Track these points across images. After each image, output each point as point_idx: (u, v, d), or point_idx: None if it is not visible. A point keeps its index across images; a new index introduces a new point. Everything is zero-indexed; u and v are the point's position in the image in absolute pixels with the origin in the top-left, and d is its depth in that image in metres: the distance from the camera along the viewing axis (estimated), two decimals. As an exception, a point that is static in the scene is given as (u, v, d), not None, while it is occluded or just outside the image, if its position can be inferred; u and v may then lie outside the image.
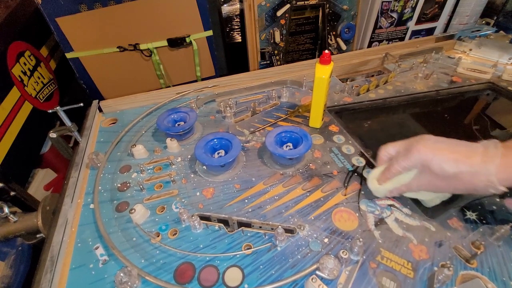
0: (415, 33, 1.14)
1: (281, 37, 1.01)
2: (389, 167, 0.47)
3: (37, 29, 0.91)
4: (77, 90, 1.00)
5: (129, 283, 0.41)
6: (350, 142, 0.64)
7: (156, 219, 0.51)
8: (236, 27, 1.00)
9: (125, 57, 0.90)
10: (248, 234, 0.48)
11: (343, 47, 1.10)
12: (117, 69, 0.91)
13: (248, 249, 0.45)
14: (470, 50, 0.95)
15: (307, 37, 1.05)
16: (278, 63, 1.06)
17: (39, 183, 0.84)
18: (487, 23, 1.15)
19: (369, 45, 1.11)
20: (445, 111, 0.78)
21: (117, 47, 0.87)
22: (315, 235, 0.47)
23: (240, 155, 0.62)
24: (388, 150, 0.49)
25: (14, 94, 0.75)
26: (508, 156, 0.37)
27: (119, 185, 0.57)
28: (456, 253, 0.44)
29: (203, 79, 0.99)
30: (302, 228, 0.47)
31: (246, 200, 0.53)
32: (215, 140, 0.60)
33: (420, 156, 0.42)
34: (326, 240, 0.46)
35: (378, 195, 0.51)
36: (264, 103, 0.77)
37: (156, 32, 0.88)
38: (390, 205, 0.51)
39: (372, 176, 0.51)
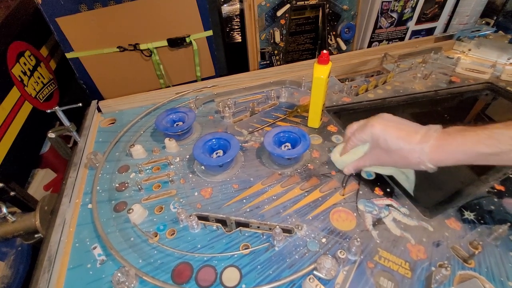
0: (415, 33, 1.14)
1: (281, 37, 1.01)
2: (348, 139, 0.53)
3: (37, 29, 0.91)
4: (77, 90, 1.01)
5: (126, 283, 0.41)
6: (348, 142, 0.64)
7: (154, 219, 0.51)
8: (236, 27, 1.00)
9: (125, 57, 0.90)
10: (246, 234, 0.48)
11: (343, 47, 1.10)
12: (117, 69, 0.92)
13: (246, 249, 0.45)
14: (469, 50, 0.95)
15: (307, 37, 1.05)
16: (278, 63, 1.06)
17: (39, 183, 0.84)
18: (487, 23, 1.14)
19: (369, 45, 1.11)
20: (444, 111, 0.78)
21: (117, 47, 0.87)
22: (313, 235, 0.47)
23: (239, 155, 0.62)
24: (352, 127, 0.53)
25: (14, 94, 0.75)
26: (442, 139, 0.42)
27: (117, 185, 0.57)
28: (454, 253, 0.44)
29: (203, 79, 1.00)
30: (300, 228, 0.47)
31: (244, 200, 0.53)
32: (214, 140, 0.60)
33: (372, 130, 0.47)
34: (324, 240, 0.46)
35: (338, 167, 0.57)
36: (263, 103, 0.77)
37: (156, 32, 0.88)
38: (388, 205, 0.51)
39: (336, 150, 0.57)
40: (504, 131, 0.39)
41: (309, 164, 0.59)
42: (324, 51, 0.57)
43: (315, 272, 0.41)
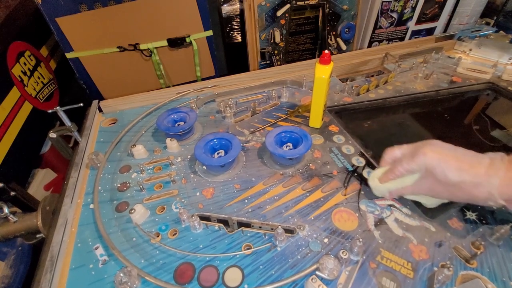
0: (415, 33, 1.14)
1: (281, 37, 1.01)
2: (393, 168, 0.46)
3: (37, 29, 0.91)
4: (77, 90, 1.00)
5: (128, 283, 0.41)
6: (350, 142, 0.64)
7: (156, 219, 0.51)
8: (236, 27, 1.00)
9: (125, 57, 0.90)
10: (248, 234, 0.48)
11: (343, 47, 1.10)
12: (117, 69, 0.91)
13: (248, 249, 0.45)
14: (470, 50, 0.95)
15: (307, 37, 1.05)
16: (278, 63, 1.06)
17: (39, 183, 0.84)
18: (487, 23, 1.14)
19: (369, 45, 1.11)
20: (445, 111, 0.78)
21: (117, 47, 0.87)
22: (315, 235, 0.47)
23: (240, 155, 0.62)
24: (393, 153, 0.48)
25: (14, 94, 0.75)
26: (511, 174, 0.36)
27: (119, 185, 0.57)
28: (456, 253, 0.44)
29: (203, 79, 0.99)
30: (302, 228, 0.47)
31: (246, 200, 0.53)
32: (215, 140, 0.60)
33: (425, 160, 0.41)
34: (326, 240, 0.46)
35: (378, 194, 0.51)
36: (264, 103, 0.77)
37: (156, 32, 0.88)
38: (390, 205, 0.51)
39: (373, 175, 0.50)
40: None
41: (310, 164, 0.59)
42: (326, 51, 0.57)
43: (317, 273, 0.41)
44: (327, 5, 1.00)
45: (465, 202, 0.45)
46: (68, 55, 0.84)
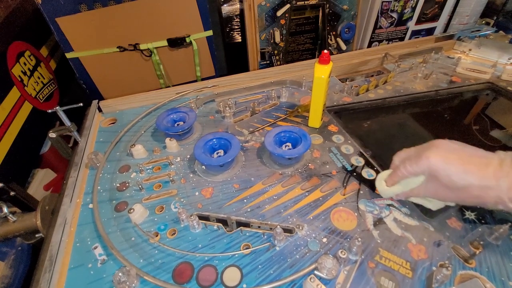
0: (415, 33, 1.14)
1: (281, 37, 1.01)
2: (396, 170, 0.46)
3: (37, 29, 0.91)
4: (77, 90, 1.00)
5: (127, 283, 0.41)
6: (349, 142, 0.64)
7: (155, 219, 0.51)
8: (236, 27, 1.00)
9: (125, 57, 0.90)
10: (247, 234, 0.48)
11: (343, 47, 1.10)
12: (117, 69, 0.91)
13: (246, 248, 0.46)
14: (470, 50, 0.95)
15: (307, 37, 1.05)
16: (278, 63, 1.06)
17: (39, 183, 0.84)
18: (487, 23, 1.14)
19: (369, 45, 1.11)
20: (444, 111, 0.78)
21: (117, 47, 0.87)
22: (313, 235, 0.47)
23: (239, 155, 0.62)
24: (400, 155, 0.47)
25: (14, 94, 0.75)
26: None
27: (118, 185, 0.57)
28: (455, 253, 0.44)
29: (203, 79, 0.99)
30: (300, 228, 0.47)
31: (245, 200, 0.53)
32: (214, 140, 0.60)
33: (429, 164, 0.40)
34: (324, 240, 0.46)
35: (385, 197, 0.51)
36: (263, 103, 0.77)
37: (156, 32, 0.88)
38: (389, 205, 0.51)
39: (380, 177, 0.50)
40: None
41: (309, 164, 0.59)
42: (325, 51, 0.57)
43: (316, 272, 0.41)
44: (327, 5, 1.00)
45: (475, 206, 0.43)
46: (68, 55, 0.85)
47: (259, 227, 0.49)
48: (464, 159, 0.38)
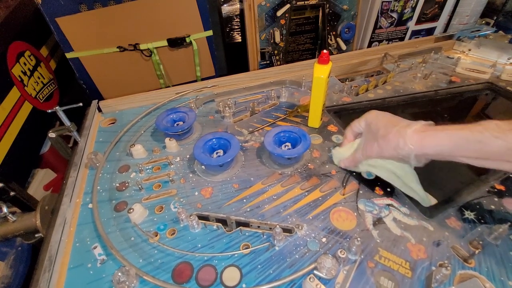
0: (415, 33, 1.14)
1: (281, 37, 1.01)
2: (346, 132, 0.55)
3: (37, 29, 0.91)
4: (77, 90, 1.00)
5: (127, 283, 0.41)
6: (349, 142, 0.64)
7: (155, 219, 0.51)
8: (236, 27, 1.00)
9: (125, 57, 0.90)
10: (246, 233, 0.48)
11: (343, 47, 1.10)
12: (117, 69, 0.92)
13: (246, 248, 0.46)
14: (469, 50, 0.95)
15: (307, 37, 1.05)
16: (278, 63, 1.06)
17: (39, 183, 0.84)
18: (487, 23, 1.15)
19: (369, 45, 1.11)
20: (444, 111, 0.78)
21: (117, 47, 0.87)
22: (313, 235, 0.47)
23: (239, 155, 0.62)
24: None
25: (14, 94, 0.75)
26: (429, 126, 0.43)
27: (117, 184, 0.57)
28: (454, 252, 0.44)
29: (203, 79, 1.00)
30: (300, 228, 0.47)
31: (244, 200, 0.53)
32: (214, 140, 0.60)
33: (367, 116, 0.51)
34: (324, 239, 0.46)
35: (335, 161, 0.58)
36: (263, 103, 0.77)
37: (156, 32, 0.88)
38: (389, 205, 0.51)
39: (337, 147, 0.58)
40: (492, 121, 0.38)
41: (309, 164, 0.59)
42: (324, 51, 0.57)
43: (315, 272, 0.41)
44: (327, 5, 1.00)
45: (387, 157, 0.48)
46: (68, 55, 0.85)
47: (258, 227, 0.49)
48: (391, 117, 0.48)
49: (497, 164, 0.38)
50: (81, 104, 0.66)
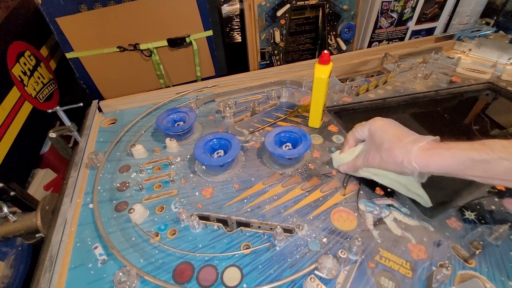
0: (415, 33, 1.14)
1: (281, 37, 1.01)
2: (347, 137, 0.55)
3: (37, 29, 0.91)
4: (77, 90, 1.00)
5: (128, 283, 0.41)
6: (349, 142, 0.64)
7: (155, 219, 0.51)
8: (236, 27, 1.00)
9: (125, 57, 0.90)
10: (247, 234, 0.48)
11: (343, 47, 1.10)
12: (117, 69, 0.91)
13: (247, 248, 0.46)
14: (470, 50, 0.95)
15: (307, 37, 1.05)
16: (278, 63, 1.06)
17: (39, 183, 0.84)
18: (487, 23, 1.14)
19: (369, 45, 1.11)
20: (444, 111, 0.78)
21: (117, 47, 0.87)
22: (314, 235, 0.47)
23: (239, 155, 0.62)
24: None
25: (14, 94, 0.75)
26: (435, 144, 0.42)
27: (118, 185, 0.57)
28: (455, 253, 0.44)
29: (203, 79, 0.99)
30: (301, 228, 0.47)
31: (245, 200, 0.53)
32: (214, 140, 0.60)
33: (371, 124, 0.49)
34: (324, 240, 0.46)
35: (335, 164, 0.57)
36: (263, 103, 0.77)
37: (156, 32, 0.88)
38: (389, 205, 0.51)
39: (338, 151, 0.57)
40: (497, 140, 0.37)
41: (310, 164, 0.59)
42: (325, 51, 0.57)
43: (316, 272, 0.41)
44: (327, 5, 1.00)
45: (390, 170, 0.48)
46: (68, 55, 0.85)
47: (259, 227, 0.49)
48: (397, 129, 0.46)
49: (504, 182, 0.38)
50: (81, 104, 0.66)
